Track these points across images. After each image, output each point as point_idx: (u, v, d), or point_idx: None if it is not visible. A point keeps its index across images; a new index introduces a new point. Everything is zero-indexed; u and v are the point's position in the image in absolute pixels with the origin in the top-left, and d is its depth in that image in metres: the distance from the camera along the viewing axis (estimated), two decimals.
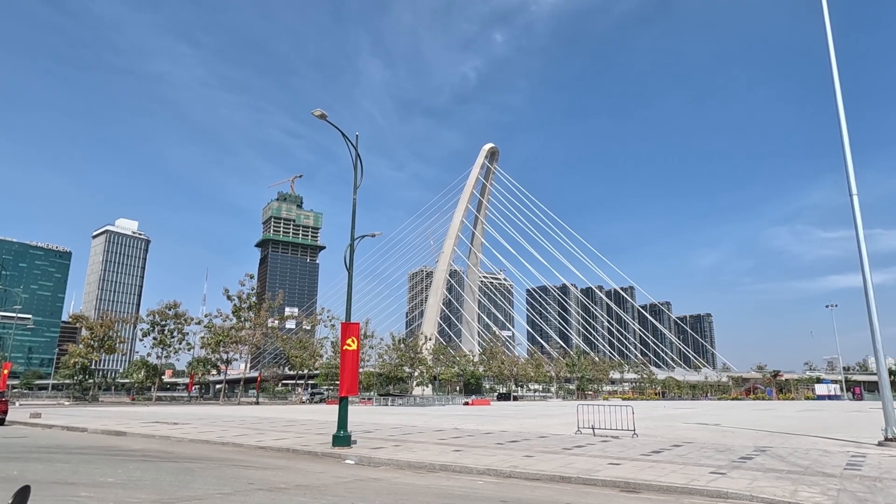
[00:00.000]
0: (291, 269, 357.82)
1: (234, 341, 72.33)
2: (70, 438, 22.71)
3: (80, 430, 26.60)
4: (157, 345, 73.57)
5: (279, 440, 21.06)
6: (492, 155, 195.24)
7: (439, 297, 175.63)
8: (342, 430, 18.35)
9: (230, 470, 14.18)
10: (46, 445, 19.55)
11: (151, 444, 20.97)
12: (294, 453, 18.08)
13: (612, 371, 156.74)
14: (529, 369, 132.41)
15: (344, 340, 18.88)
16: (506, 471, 14.17)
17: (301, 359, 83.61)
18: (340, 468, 15.29)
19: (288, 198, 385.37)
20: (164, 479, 12.23)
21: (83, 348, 70.86)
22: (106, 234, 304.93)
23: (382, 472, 14.81)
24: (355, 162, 20.05)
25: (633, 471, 13.80)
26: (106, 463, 14.98)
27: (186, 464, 15.21)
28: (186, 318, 75.26)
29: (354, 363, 18.97)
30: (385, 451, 17.57)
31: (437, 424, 30.32)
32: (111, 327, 72.22)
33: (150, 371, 77.83)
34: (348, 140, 20.06)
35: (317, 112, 19.04)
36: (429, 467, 15.26)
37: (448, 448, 18.43)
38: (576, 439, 21.22)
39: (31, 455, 16.38)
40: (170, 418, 35.15)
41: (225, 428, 26.82)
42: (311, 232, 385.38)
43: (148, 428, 26.74)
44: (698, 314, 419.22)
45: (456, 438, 21.75)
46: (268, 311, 79.41)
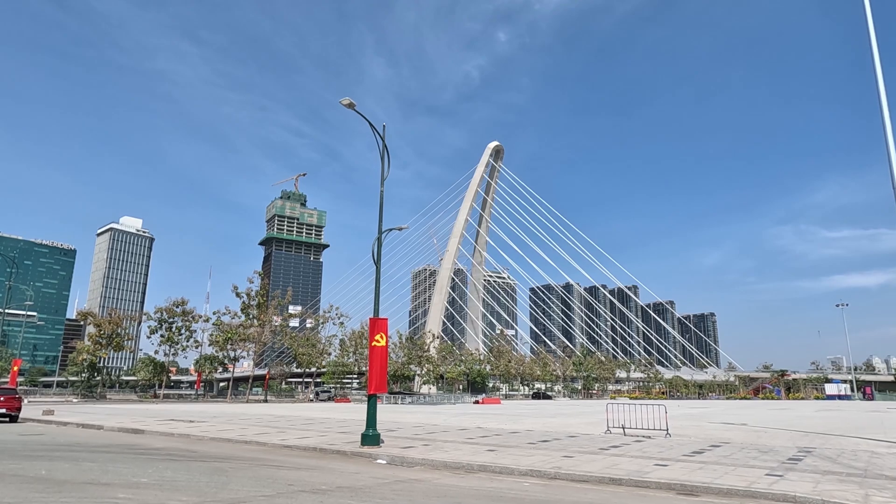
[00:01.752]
0: (295, 267, 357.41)
1: (242, 339, 71.84)
2: (88, 436, 22.21)
3: (97, 427, 26.11)
4: (165, 342, 73.10)
5: (303, 439, 20.52)
6: (496, 153, 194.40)
7: (444, 296, 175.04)
8: (371, 428, 17.79)
9: (263, 470, 13.64)
10: (67, 443, 19.05)
11: (172, 442, 20.46)
12: (322, 452, 17.53)
13: (618, 370, 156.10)
14: (536, 368, 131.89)
15: (372, 336, 18.32)
16: (550, 472, 13.60)
17: (309, 356, 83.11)
18: (375, 468, 14.74)
19: (292, 196, 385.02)
20: (199, 480, 11.68)
21: (91, 345, 70.45)
22: (110, 232, 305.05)
23: (419, 472, 14.26)
24: (382, 153, 19.48)
25: (685, 473, 13.22)
26: (133, 462, 14.45)
27: (215, 463, 14.67)
28: (194, 316, 74.85)
29: (383, 360, 18.41)
30: (416, 451, 17.02)
31: (458, 423, 29.76)
32: (119, 324, 71.82)
33: (157, 368, 77.40)
34: (375, 130, 19.50)
35: (345, 101, 18.47)
36: (466, 468, 14.71)
37: (480, 448, 17.86)
38: (608, 439, 20.63)
39: (55, 454, 15.86)
40: (183, 416, 34.68)
41: (243, 426, 26.30)
42: (314, 230, 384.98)
43: (165, 426, 26.24)
44: (702, 313, 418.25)
45: (484, 438, 21.19)
46: (277, 309, 78.99)
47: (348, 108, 18.62)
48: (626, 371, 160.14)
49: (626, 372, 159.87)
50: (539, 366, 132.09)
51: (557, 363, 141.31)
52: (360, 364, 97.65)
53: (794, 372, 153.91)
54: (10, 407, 28.34)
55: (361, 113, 19.07)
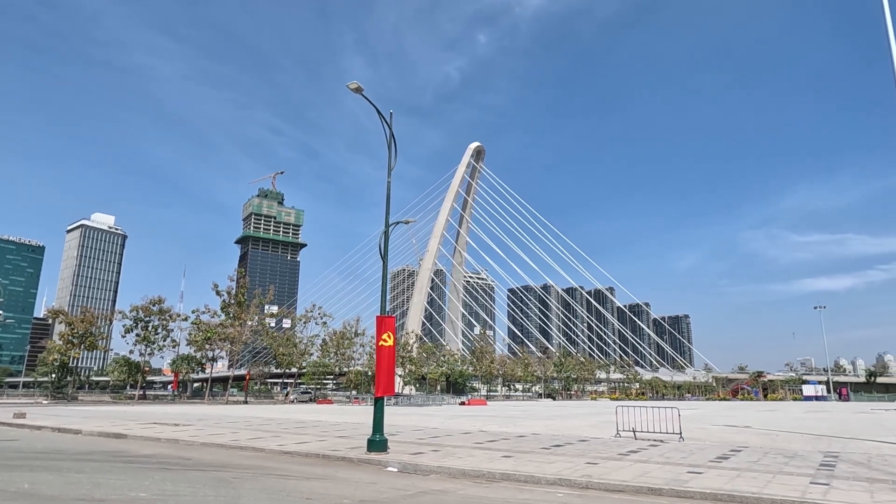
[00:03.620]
0: (272, 266, 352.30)
1: (221, 338, 69.72)
2: (67, 442, 20.66)
3: (74, 431, 24.48)
4: (141, 341, 70.57)
5: (301, 444, 19.31)
6: (478, 154, 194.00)
7: (424, 296, 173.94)
8: (378, 433, 16.70)
9: (271, 481, 12.47)
10: (45, 450, 17.56)
11: (161, 448, 19.07)
12: (326, 459, 16.38)
13: (598, 371, 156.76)
14: (518, 369, 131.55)
15: (379, 336, 17.24)
16: (580, 481, 12.70)
17: (289, 357, 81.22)
18: (390, 478, 13.68)
19: (269, 194, 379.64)
20: (205, 494, 10.50)
21: (63, 344, 67.64)
22: (81, 229, 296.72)
23: (437, 482, 13.24)
24: (389, 141, 18.42)
25: (725, 481, 12.44)
26: (124, 472, 13.14)
27: (216, 473, 13.45)
28: (172, 315, 72.42)
29: (391, 360, 17.34)
30: (427, 458, 15.98)
31: (457, 426, 28.76)
32: (92, 323, 69.12)
33: (132, 369, 74.80)
34: (383, 118, 18.42)
35: (352, 85, 17.37)
36: (487, 476, 13.73)
37: (495, 454, 16.89)
38: (622, 443, 19.84)
39: (34, 463, 14.45)
40: (165, 419, 33.03)
41: (234, 430, 24.91)
42: (292, 229, 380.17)
43: (148, 430, 24.72)
44: (676, 315, 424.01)
45: (492, 442, 20.24)
46: (258, 308, 77.02)
47: (355, 92, 17.52)
48: (606, 372, 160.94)
49: (605, 373, 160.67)
50: (521, 366, 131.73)
51: (538, 364, 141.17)
52: (340, 365, 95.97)
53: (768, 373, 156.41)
54: None
55: (369, 98, 17.99)
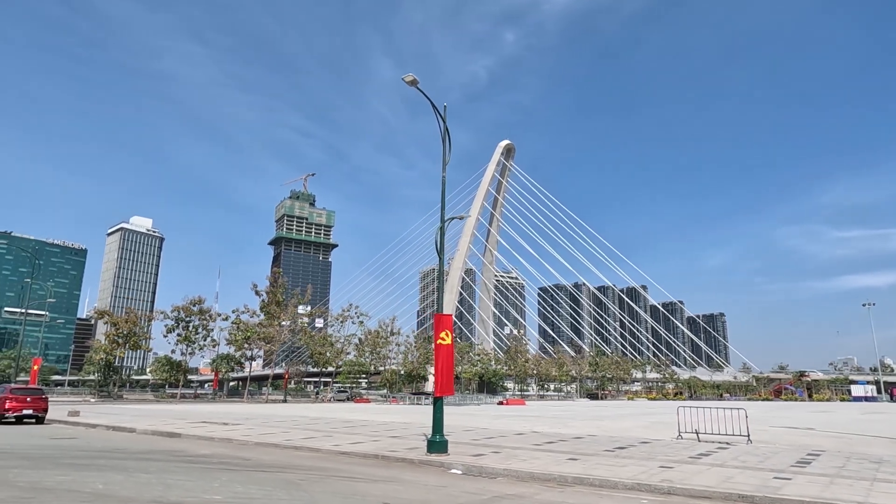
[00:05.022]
0: (304, 266, 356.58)
1: (260, 337, 70.49)
2: (124, 440, 20.79)
3: (128, 430, 24.72)
4: (182, 341, 71.87)
5: (356, 444, 19.01)
6: (508, 152, 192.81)
7: (455, 296, 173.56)
8: (438, 434, 16.27)
9: (339, 483, 12.12)
10: (106, 449, 17.62)
11: (216, 447, 18.99)
12: (386, 460, 16.00)
13: (633, 370, 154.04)
14: (552, 368, 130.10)
15: (437, 334, 16.79)
16: (660, 486, 12.01)
17: (326, 356, 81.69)
18: (456, 480, 13.21)
19: (301, 196, 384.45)
20: (279, 497, 10.18)
21: (108, 344, 69.32)
22: (121, 232, 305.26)
23: (507, 485, 12.71)
24: (444, 135, 17.95)
25: (818, 488, 11.60)
26: (189, 473, 12.96)
27: (280, 474, 13.17)
28: (211, 315, 73.56)
29: (449, 359, 16.87)
30: (490, 460, 15.46)
31: (506, 426, 28.18)
32: (136, 323, 70.66)
33: (173, 368, 76.24)
34: (437, 111, 17.96)
35: (408, 78, 16.95)
36: (559, 480, 13.14)
37: (559, 456, 16.28)
38: (688, 446, 19.00)
39: (99, 462, 14.42)
40: (212, 418, 33.28)
41: (284, 430, 24.82)
42: (323, 230, 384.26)
43: (200, 429, 24.81)
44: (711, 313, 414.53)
45: (550, 444, 19.61)
46: (295, 308, 77.67)
47: (410, 84, 17.09)
48: (642, 371, 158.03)
49: (641, 372, 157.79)
50: (555, 366, 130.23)
51: (573, 363, 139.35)
52: (375, 364, 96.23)
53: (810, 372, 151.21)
54: (37, 408, 27.02)
55: (423, 91, 17.55)
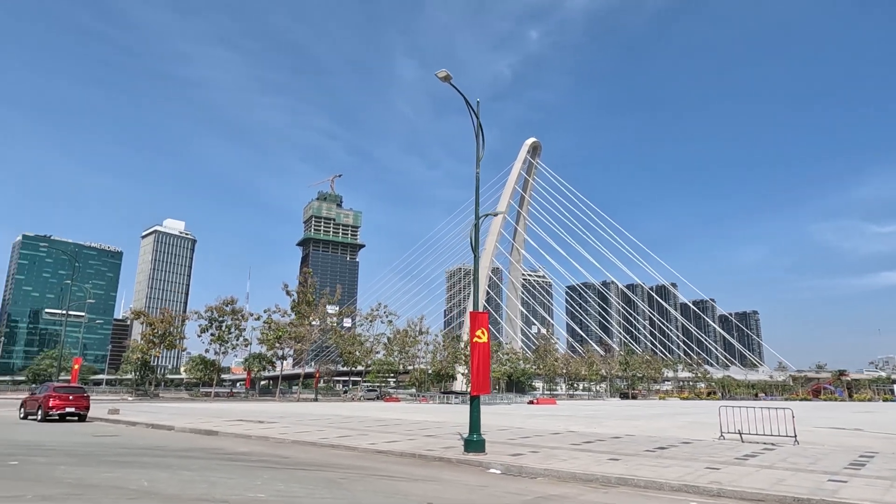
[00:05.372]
0: (332, 266, 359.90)
1: (291, 337, 71.34)
2: (163, 438, 21.11)
3: (167, 428, 25.12)
4: (216, 340, 73.15)
5: (392, 443, 18.94)
6: (534, 150, 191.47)
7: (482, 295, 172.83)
8: (475, 433, 16.08)
9: (379, 482, 12.03)
10: (147, 447, 17.89)
11: (253, 445, 19.14)
12: (423, 459, 15.88)
13: (664, 369, 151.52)
14: (581, 367, 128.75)
15: (473, 332, 16.61)
16: (709, 488, 11.62)
17: (355, 355, 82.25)
18: (496, 480, 13.01)
19: (328, 197, 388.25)
20: (322, 496, 10.12)
21: (144, 344, 70.98)
22: (155, 235, 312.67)
23: (549, 485, 12.46)
24: (477, 130, 17.76)
25: (877, 492, 11.05)
26: (231, 470, 13.03)
27: (320, 472, 13.15)
28: (243, 315, 74.74)
29: (486, 357, 16.68)
30: (529, 459, 15.20)
31: (541, 426, 27.85)
32: (171, 323, 72.21)
33: (207, 367, 77.69)
34: (470, 107, 17.79)
35: (441, 73, 16.81)
36: (602, 480, 12.83)
37: (599, 456, 15.95)
38: (732, 446, 18.45)
39: (143, 459, 14.61)
40: (247, 416, 33.68)
41: (319, 428, 24.94)
42: (350, 230, 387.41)
43: (236, 427, 25.08)
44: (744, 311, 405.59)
45: (588, 443, 19.26)
46: (325, 307, 78.41)
47: (444, 80, 16.95)
48: (673, 370, 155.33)
49: (672, 371, 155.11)
50: (585, 365, 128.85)
51: (603, 362, 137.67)
52: (404, 363, 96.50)
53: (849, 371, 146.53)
54: (79, 406, 27.71)
55: (457, 87, 17.39)
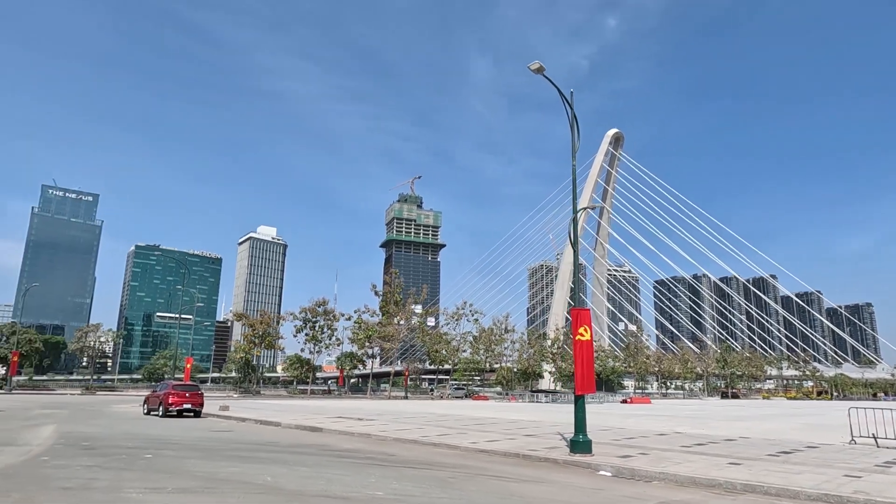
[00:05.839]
0: (415, 267, 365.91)
1: (380, 336, 73.21)
2: (273, 434, 22.11)
3: (275, 424, 26.33)
4: (310, 340, 76.41)
5: (492, 442, 18.78)
6: (616, 141, 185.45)
7: (566, 291, 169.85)
8: (581, 434, 15.57)
9: (490, 482, 11.87)
10: (259, 442, 18.77)
11: (356, 442, 19.61)
12: (528, 460, 15.58)
13: (767, 367, 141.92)
14: (675, 365, 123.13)
15: (576, 329, 16.09)
16: (855, 498, 10.52)
17: (442, 354, 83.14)
18: (609, 482, 12.49)
19: (408, 199, 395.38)
20: (437, 495, 10.10)
21: (246, 344, 75.34)
22: (250, 241, 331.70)
23: (668, 490, 11.79)
24: (572, 121, 17.20)
25: None
26: (344, 467, 13.34)
27: (427, 470, 13.18)
28: (335, 315, 77.55)
29: (589, 355, 16.12)
30: (640, 462, 14.51)
31: (643, 426, 26.76)
32: (269, 324, 76.18)
33: (303, 366, 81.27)
34: (564, 98, 17.27)
35: (534, 66, 16.43)
36: (725, 486, 11.98)
37: (717, 460, 14.98)
38: (866, 451, 16.80)
39: (259, 455, 15.31)
40: (346, 413, 34.76)
41: (418, 426, 25.26)
42: (431, 231, 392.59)
43: (338, 424, 25.88)
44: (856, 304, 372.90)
45: (700, 445, 18.20)
46: (412, 306, 79.91)
47: (536, 72, 16.56)
48: (777, 368, 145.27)
49: (776, 369, 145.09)
50: (679, 363, 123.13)
51: (698, 360, 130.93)
52: (490, 361, 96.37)
53: None
54: (194, 402, 29.69)
55: (549, 78, 16.94)
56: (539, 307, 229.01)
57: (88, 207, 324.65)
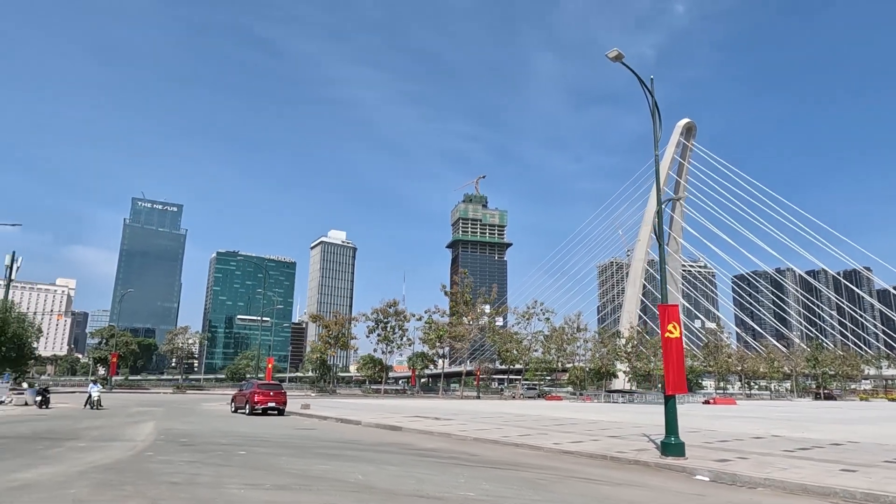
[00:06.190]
0: (481, 267, 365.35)
1: (451, 336, 73.52)
2: (355, 432, 22.50)
3: (355, 423, 26.84)
4: (382, 340, 77.81)
5: (577, 443, 18.27)
6: (688, 131, 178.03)
7: (638, 289, 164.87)
8: (673, 436, 14.85)
9: (581, 485, 11.48)
10: (343, 440, 19.13)
11: (438, 441, 19.61)
12: (616, 462, 15.00)
13: (864, 366, 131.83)
14: (760, 364, 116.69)
15: (664, 327, 15.37)
16: None
17: (513, 354, 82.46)
18: (710, 488, 11.79)
19: (474, 199, 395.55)
20: (529, 497, 9.84)
21: (322, 345, 77.69)
22: (322, 245, 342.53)
23: (776, 497, 10.99)
24: (653, 109, 16.47)
25: None
26: (429, 466, 13.32)
27: (513, 471, 12.93)
28: (406, 315, 78.59)
29: (679, 354, 15.34)
30: (740, 466, 13.64)
31: (735, 428, 25.37)
32: (344, 325, 78.18)
33: (376, 365, 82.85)
34: (644, 85, 16.57)
35: (612, 53, 15.88)
36: (843, 495, 11.02)
37: (829, 466, 13.86)
38: None
39: (346, 453, 15.55)
40: (422, 412, 35.01)
41: (497, 426, 25.05)
42: (497, 230, 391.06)
43: (416, 423, 26.06)
44: None
45: (804, 450, 16.97)
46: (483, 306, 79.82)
47: (615, 60, 16.00)
48: (876, 367, 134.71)
49: (874, 367, 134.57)
50: (764, 362, 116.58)
51: (785, 359, 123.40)
52: (562, 361, 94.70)
53: None
54: (278, 401, 30.79)
55: (629, 66, 16.32)
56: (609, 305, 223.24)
57: (173, 217, 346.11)
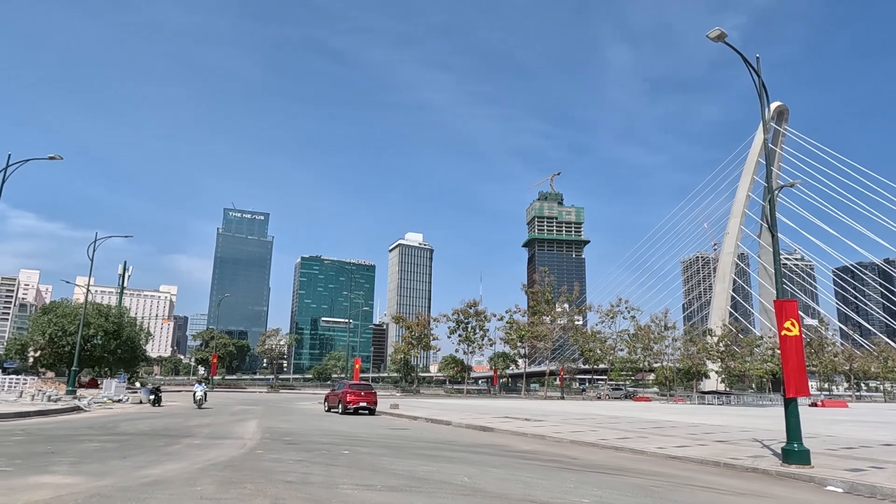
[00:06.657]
0: (559, 265, 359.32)
1: (533, 336, 72.60)
2: (448, 433, 22.54)
3: (445, 423, 26.93)
4: (463, 341, 78.03)
5: (682, 448, 17.35)
6: (779, 115, 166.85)
7: (728, 284, 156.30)
8: (796, 442, 13.73)
9: (699, 493, 10.78)
10: (438, 441, 19.17)
11: (533, 443, 19.23)
12: (731, 469, 14.05)
13: None
14: (871, 364, 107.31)
15: (781, 324, 14.25)
16: None
17: (597, 353, 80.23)
18: (845, 500, 10.75)
19: (548, 196, 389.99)
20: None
21: (405, 346, 79.01)
22: (399, 248, 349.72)
23: None
24: (760, 90, 15.35)
25: None
26: (532, 469, 13.00)
27: (621, 477, 12.36)
28: (486, 316, 78.42)
29: (799, 353, 14.19)
30: (877, 477, 12.37)
31: (856, 433, 23.33)
32: (426, 326, 79.13)
33: (458, 365, 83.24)
34: (749, 64, 15.48)
35: (713, 33, 14.95)
36: None
37: None
38: None
39: (444, 454, 15.52)
40: (511, 413, 34.70)
41: (591, 428, 24.34)
42: (573, 227, 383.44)
43: (507, 424, 25.79)
44: None
45: None
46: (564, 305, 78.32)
47: (716, 40, 15.04)
48: None
49: None
50: (876, 361, 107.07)
51: None
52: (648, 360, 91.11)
53: None
54: (369, 401, 31.47)
55: (731, 45, 15.30)
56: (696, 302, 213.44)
57: (261, 225, 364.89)
